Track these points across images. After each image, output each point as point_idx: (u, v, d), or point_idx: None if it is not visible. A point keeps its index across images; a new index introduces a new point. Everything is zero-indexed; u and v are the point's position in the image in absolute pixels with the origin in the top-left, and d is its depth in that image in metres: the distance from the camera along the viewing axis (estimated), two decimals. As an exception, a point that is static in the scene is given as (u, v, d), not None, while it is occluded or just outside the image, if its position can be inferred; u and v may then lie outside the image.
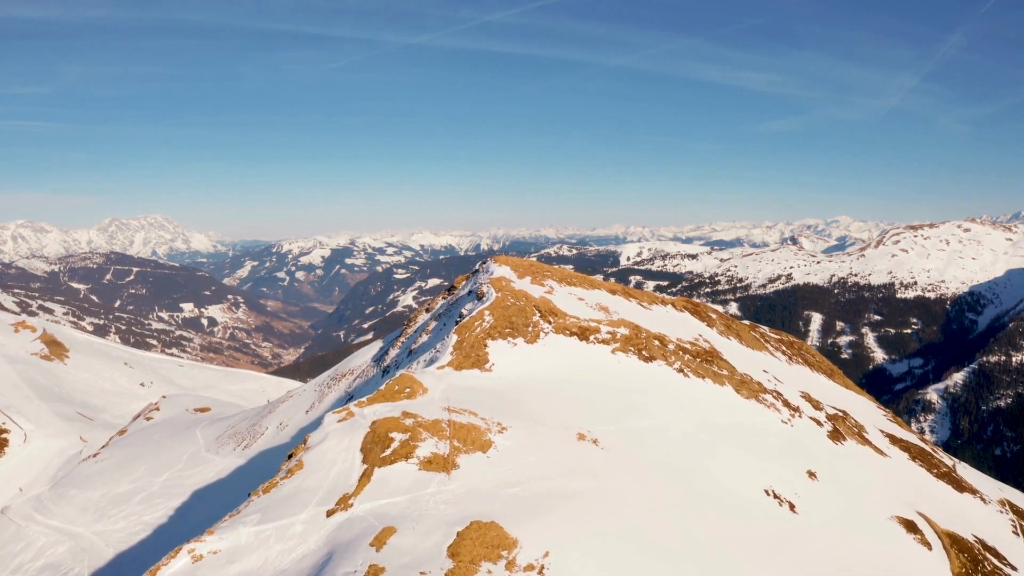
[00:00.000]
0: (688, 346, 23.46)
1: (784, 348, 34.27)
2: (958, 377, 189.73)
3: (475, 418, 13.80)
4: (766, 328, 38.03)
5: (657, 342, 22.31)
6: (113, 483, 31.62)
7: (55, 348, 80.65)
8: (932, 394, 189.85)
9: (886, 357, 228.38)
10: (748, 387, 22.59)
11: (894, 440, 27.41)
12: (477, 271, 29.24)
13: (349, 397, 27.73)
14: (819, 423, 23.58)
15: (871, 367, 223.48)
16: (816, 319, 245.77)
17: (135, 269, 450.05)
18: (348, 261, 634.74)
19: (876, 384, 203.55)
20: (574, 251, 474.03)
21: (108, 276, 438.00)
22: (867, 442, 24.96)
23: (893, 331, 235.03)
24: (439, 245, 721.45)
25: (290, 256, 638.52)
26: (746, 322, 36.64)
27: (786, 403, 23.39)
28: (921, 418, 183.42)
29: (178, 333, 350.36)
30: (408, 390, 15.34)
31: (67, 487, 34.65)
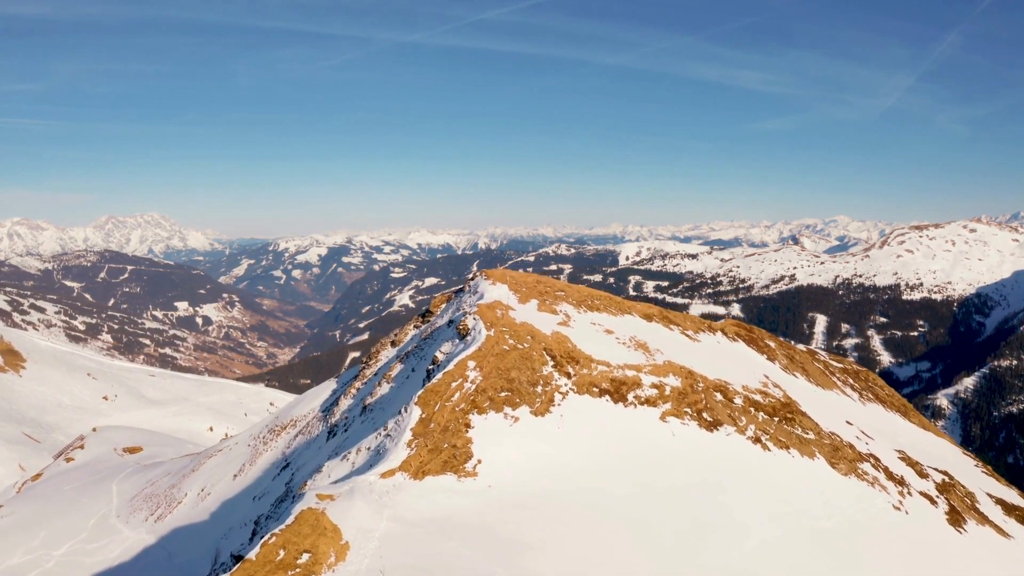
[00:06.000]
0: (758, 397, 16.67)
1: (851, 381, 27.64)
2: (968, 382, 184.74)
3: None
4: (824, 354, 31.40)
5: (720, 395, 15.54)
6: (8, 550, 25.13)
7: (10, 358, 73.89)
8: (942, 399, 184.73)
9: (893, 360, 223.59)
10: (842, 455, 16.04)
11: (1007, 508, 21.01)
12: (462, 290, 21.09)
13: (285, 464, 20.75)
14: (932, 500, 17.11)
15: (877, 370, 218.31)
16: (821, 321, 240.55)
17: (129, 267, 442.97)
18: (345, 260, 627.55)
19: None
20: (572, 250, 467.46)
21: (102, 274, 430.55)
22: (985, 519, 18.58)
23: (899, 334, 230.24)
24: (437, 244, 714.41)
25: (287, 254, 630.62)
26: (801, 347, 30.11)
27: (889, 474, 16.86)
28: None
29: (172, 332, 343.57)
30: (307, 556, 7.47)
31: (-38, 548, 28.21)
